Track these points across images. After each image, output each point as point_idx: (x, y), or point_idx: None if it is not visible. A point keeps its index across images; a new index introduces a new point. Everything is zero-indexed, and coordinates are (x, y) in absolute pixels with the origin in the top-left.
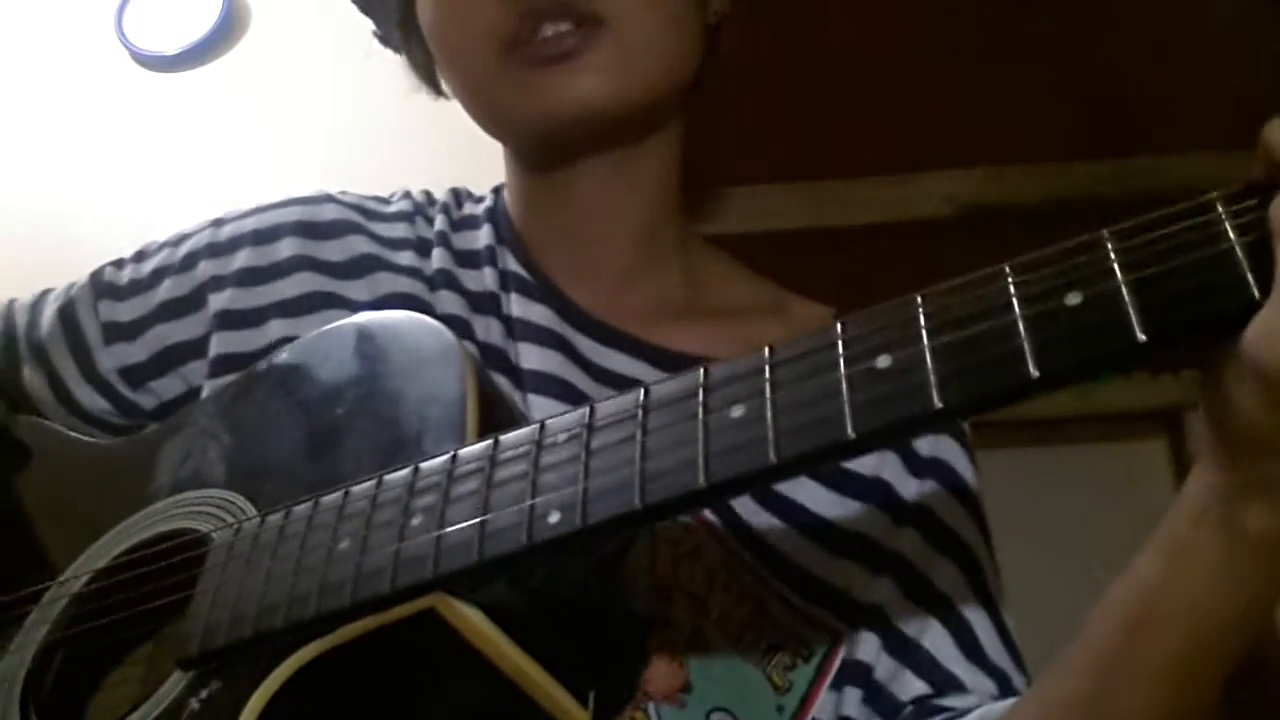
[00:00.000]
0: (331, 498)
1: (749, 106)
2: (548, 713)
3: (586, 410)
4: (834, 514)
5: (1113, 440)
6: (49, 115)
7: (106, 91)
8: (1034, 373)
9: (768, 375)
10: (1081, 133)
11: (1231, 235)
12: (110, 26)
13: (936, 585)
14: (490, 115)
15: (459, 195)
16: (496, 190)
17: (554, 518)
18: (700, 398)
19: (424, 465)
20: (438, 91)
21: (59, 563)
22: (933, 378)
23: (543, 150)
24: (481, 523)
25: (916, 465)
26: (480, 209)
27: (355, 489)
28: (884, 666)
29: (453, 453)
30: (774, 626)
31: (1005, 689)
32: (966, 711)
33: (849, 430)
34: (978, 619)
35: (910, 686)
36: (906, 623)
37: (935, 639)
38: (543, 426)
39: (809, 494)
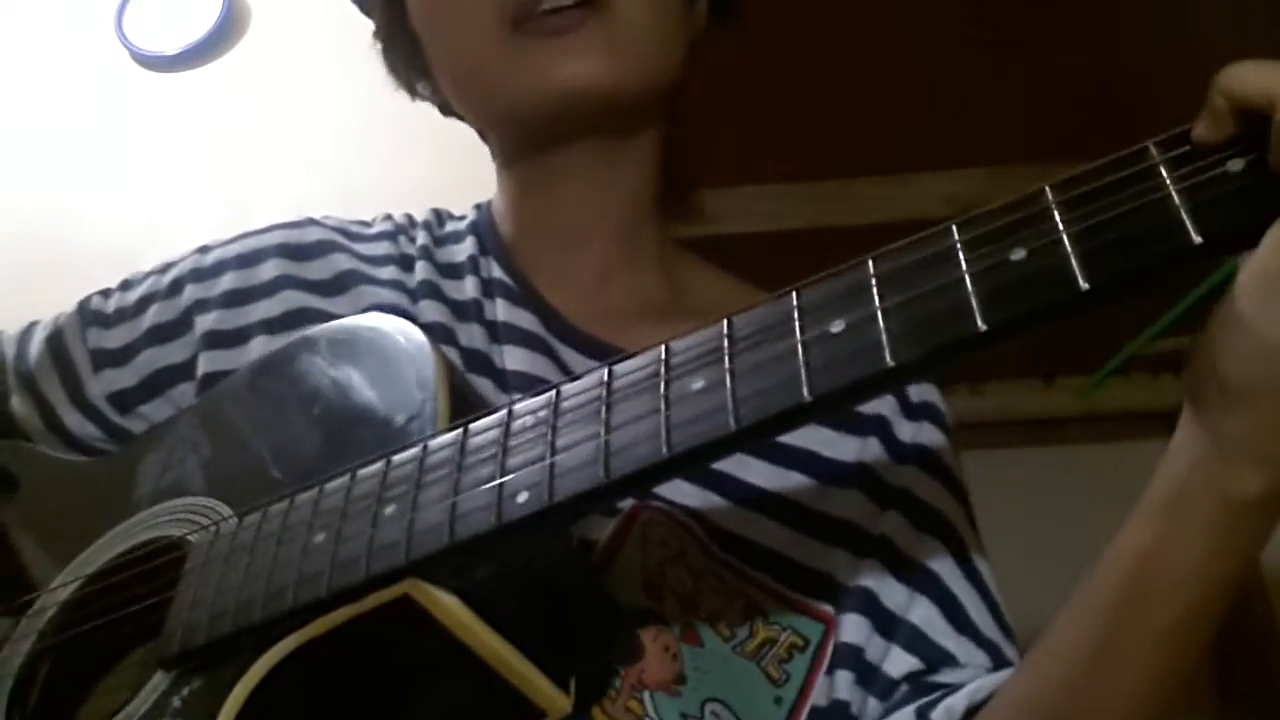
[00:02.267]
0: (307, 494)
1: (750, 107)
2: (529, 699)
3: (552, 393)
4: (818, 504)
5: (1113, 440)
6: (49, 115)
7: (106, 91)
8: (981, 326)
9: (726, 347)
10: (1081, 132)
11: (1168, 182)
12: (110, 26)
13: (922, 563)
14: (483, 93)
15: (440, 215)
16: (478, 206)
17: (522, 497)
18: (662, 372)
19: (396, 457)
20: (413, 93)
21: (45, 579)
22: (885, 337)
23: (530, 134)
24: (452, 506)
25: (910, 408)
26: (463, 224)
27: (329, 484)
28: (874, 647)
29: (424, 443)
30: (766, 620)
31: (998, 661)
32: (961, 686)
33: (805, 393)
34: (965, 592)
35: (902, 663)
36: (894, 601)
37: (924, 614)
38: (510, 411)
39: (790, 484)
